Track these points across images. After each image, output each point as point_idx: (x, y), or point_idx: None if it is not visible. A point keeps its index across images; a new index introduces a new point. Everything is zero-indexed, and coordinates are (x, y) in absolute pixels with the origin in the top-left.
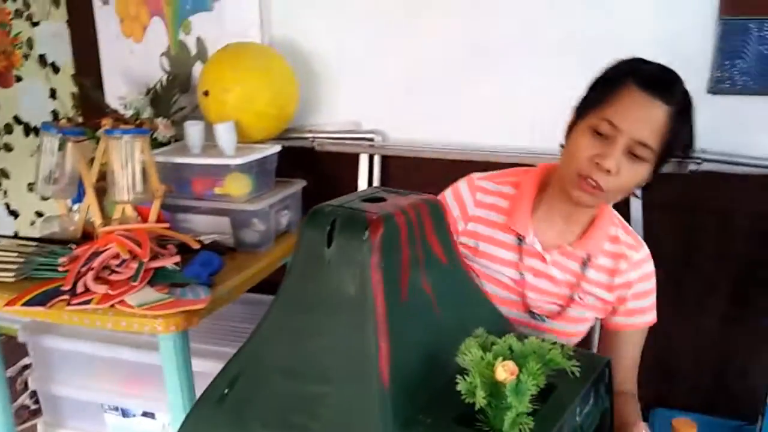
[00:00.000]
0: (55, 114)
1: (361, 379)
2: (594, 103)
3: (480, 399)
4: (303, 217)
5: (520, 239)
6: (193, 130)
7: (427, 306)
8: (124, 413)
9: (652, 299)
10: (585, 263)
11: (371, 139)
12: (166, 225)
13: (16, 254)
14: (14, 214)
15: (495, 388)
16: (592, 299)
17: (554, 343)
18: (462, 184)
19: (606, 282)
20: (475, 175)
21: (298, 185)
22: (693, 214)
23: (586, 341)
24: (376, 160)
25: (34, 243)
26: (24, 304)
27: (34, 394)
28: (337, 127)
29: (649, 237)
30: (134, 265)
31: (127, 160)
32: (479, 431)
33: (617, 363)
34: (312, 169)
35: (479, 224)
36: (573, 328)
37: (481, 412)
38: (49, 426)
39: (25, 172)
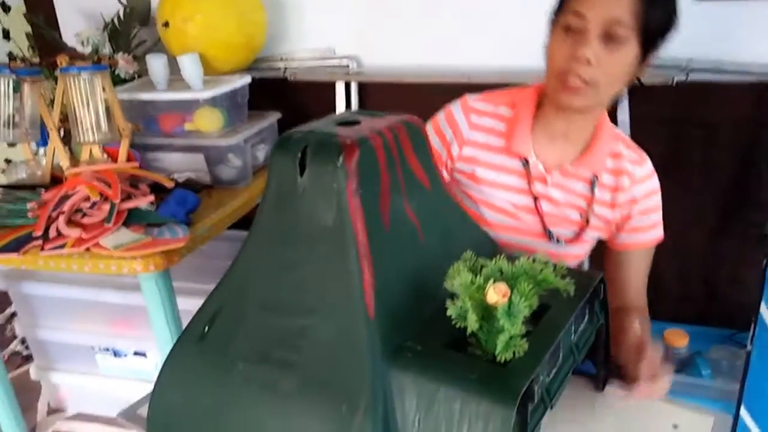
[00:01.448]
0: (10, 56)
1: (346, 311)
2: (560, 1)
3: (472, 323)
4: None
5: (525, 162)
6: (156, 64)
7: (411, 233)
8: (116, 354)
9: (658, 215)
10: (593, 183)
11: (346, 66)
12: (136, 164)
13: None
14: None
15: (486, 312)
16: (597, 220)
17: (546, 262)
18: (455, 107)
19: (609, 200)
20: (469, 97)
21: (273, 117)
22: (680, 126)
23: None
24: (353, 87)
25: (1, 190)
26: None
27: (24, 340)
28: (309, 54)
29: None
30: (106, 206)
31: (89, 99)
32: (471, 356)
33: (626, 282)
34: (286, 100)
35: (477, 149)
36: (581, 250)
37: (472, 336)
38: (41, 370)
39: None
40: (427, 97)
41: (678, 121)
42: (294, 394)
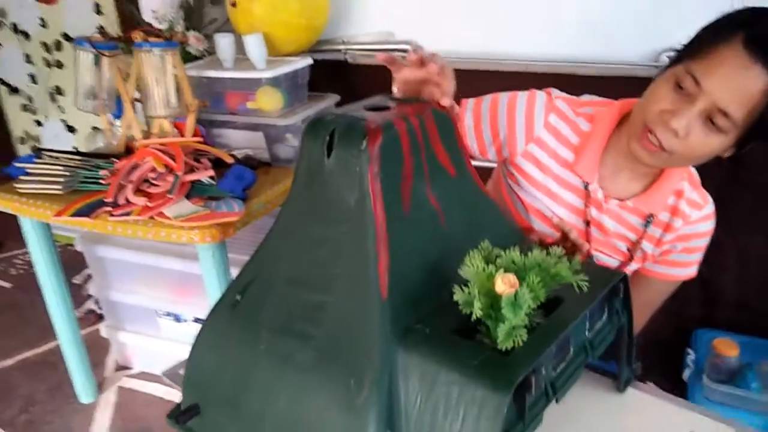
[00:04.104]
0: (101, 30)
1: (360, 289)
2: (688, 51)
3: (477, 310)
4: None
5: (587, 185)
6: (224, 43)
7: (431, 218)
8: (177, 319)
9: (699, 256)
10: (648, 221)
11: (405, 51)
12: (200, 139)
13: (62, 168)
14: (72, 129)
15: (495, 301)
16: (640, 253)
17: (560, 256)
18: (539, 97)
19: (658, 237)
20: (555, 93)
21: (331, 100)
22: None
23: None
24: None
25: (79, 157)
26: (71, 215)
27: (98, 300)
28: (369, 38)
29: None
30: (171, 178)
31: (160, 75)
32: (478, 343)
33: (635, 306)
34: (345, 82)
35: (543, 151)
36: None
37: (482, 325)
38: (110, 329)
39: None
40: (484, 84)
41: None
42: (308, 366)
